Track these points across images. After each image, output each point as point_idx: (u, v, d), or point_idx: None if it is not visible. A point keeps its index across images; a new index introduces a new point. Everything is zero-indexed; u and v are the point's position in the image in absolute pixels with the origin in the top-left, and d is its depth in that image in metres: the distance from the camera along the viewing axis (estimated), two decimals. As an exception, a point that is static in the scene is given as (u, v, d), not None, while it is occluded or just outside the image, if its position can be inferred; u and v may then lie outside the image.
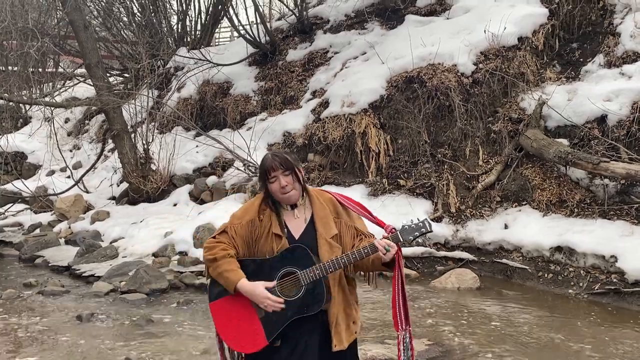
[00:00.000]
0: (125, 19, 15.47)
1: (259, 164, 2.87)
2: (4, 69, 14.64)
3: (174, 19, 15.36)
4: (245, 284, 2.70)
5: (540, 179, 7.90)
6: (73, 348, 5.23)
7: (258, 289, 2.69)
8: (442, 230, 7.96)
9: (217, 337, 2.91)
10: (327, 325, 2.75)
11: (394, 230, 2.80)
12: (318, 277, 2.70)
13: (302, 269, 2.71)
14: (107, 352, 5.12)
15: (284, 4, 13.46)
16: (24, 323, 5.90)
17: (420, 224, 2.81)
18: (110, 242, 9.00)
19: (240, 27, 12.59)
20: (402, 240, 2.76)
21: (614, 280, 6.49)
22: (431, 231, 2.85)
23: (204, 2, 14.44)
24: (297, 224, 2.82)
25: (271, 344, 2.72)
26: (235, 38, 15.71)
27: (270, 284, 2.72)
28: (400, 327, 2.85)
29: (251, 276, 2.73)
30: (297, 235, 2.79)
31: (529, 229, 7.42)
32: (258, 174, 2.88)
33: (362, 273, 2.94)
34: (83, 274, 7.70)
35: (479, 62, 9.00)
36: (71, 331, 5.65)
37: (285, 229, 2.80)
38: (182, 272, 7.46)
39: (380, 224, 2.87)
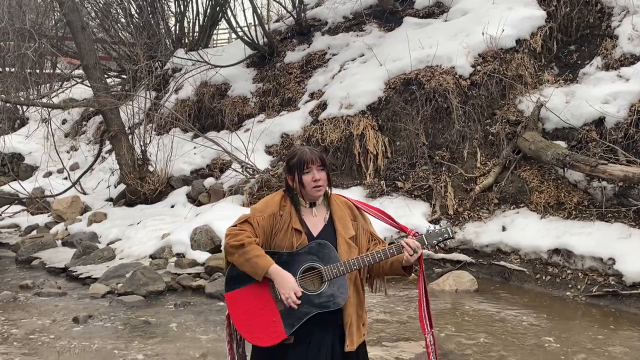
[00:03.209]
0: (123, 20, 15.45)
1: (293, 157, 2.85)
2: (1, 70, 14.63)
3: (171, 21, 15.36)
4: (277, 269, 2.68)
5: (538, 181, 7.90)
6: (70, 350, 5.21)
7: (290, 278, 2.68)
8: (440, 232, 7.93)
9: (229, 330, 2.88)
10: (342, 325, 2.75)
11: (417, 234, 2.88)
12: (342, 273, 2.71)
13: (325, 264, 2.72)
14: (104, 355, 5.10)
15: (282, 6, 13.46)
16: (20, 325, 5.87)
17: (444, 229, 2.93)
18: (107, 244, 8.98)
19: (238, 29, 12.57)
20: (426, 243, 2.87)
21: (612, 282, 6.48)
22: (453, 237, 3.00)
23: (202, 3, 14.49)
24: (315, 222, 2.85)
25: (286, 339, 2.68)
26: (233, 40, 15.70)
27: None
28: (426, 329, 2.93)
29: None
30: (315, 233, 2.81)
31: (526, 231, 7.41)
32: (289, 164, 2.86)
33: (366, 279, 2.96)
34: (80, 276, 7.68)
35: (476, 65, 9.00)
36: (68, 333, 5.63)
37: (304, 226, 2.82)
38: (179, 274, 7.43)
39: (402, 228, 2.97)
